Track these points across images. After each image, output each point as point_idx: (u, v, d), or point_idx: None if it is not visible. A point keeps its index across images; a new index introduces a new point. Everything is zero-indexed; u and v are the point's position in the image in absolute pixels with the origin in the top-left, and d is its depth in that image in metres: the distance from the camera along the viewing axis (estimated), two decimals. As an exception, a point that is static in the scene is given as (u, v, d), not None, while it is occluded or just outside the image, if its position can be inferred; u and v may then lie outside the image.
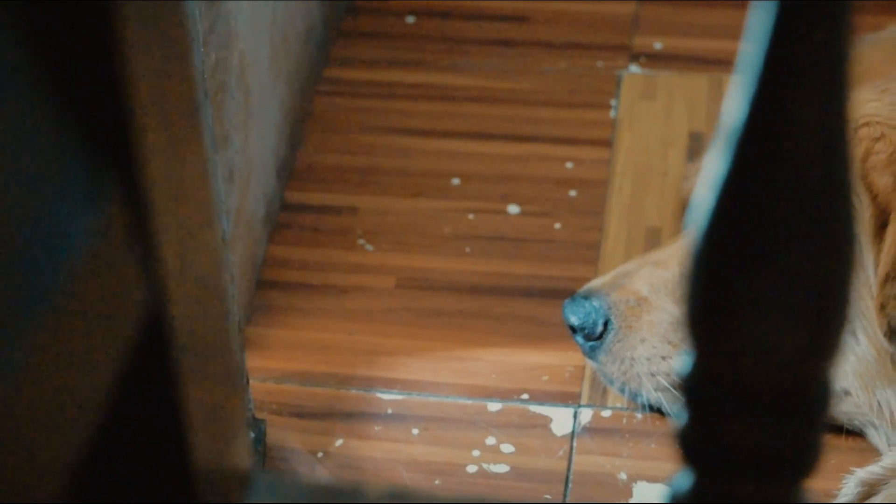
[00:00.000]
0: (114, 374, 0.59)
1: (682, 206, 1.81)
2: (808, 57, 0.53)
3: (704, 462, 0.65)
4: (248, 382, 1.55)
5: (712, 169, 0.57)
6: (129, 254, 0.57)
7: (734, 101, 0.55)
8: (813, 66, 0.53)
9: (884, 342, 1.45)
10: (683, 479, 0.66)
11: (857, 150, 1.47)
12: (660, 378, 1.56)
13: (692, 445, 0.64)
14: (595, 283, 1.62)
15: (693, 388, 0.63)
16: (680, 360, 0.62)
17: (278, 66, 1.78)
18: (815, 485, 1.51)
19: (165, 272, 0.59)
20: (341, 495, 0.72)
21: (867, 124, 1.47)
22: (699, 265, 0.59)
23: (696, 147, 1.93)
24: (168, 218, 0.59)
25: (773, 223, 0.56)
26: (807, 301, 0.58)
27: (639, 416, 1.59)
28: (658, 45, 2.08)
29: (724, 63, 2.05)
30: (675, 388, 0.78)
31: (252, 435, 1.55)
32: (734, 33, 2.10)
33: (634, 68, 2.05)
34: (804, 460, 0.64)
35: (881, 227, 1.45)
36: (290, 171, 1.89)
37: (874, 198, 1.45)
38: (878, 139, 1.45)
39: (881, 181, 1.45)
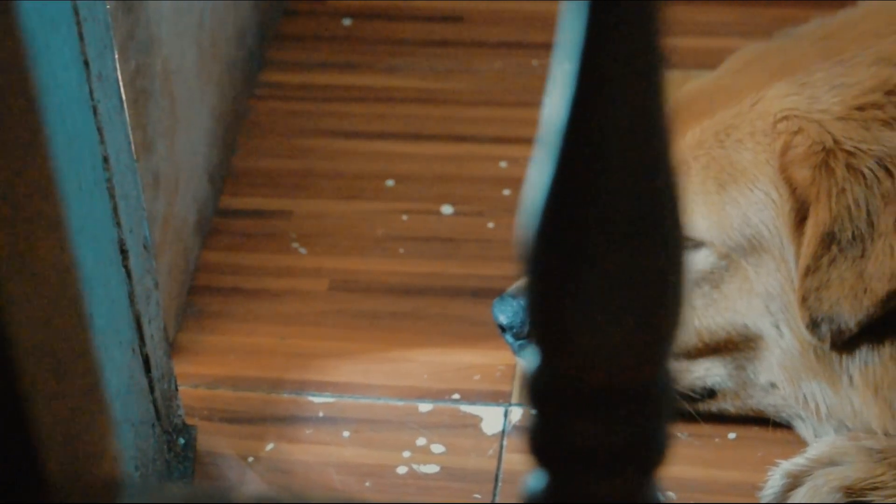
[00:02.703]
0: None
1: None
2: (620, 54, 0.53)
3: (556, 461, 0.65)
4: (176, 389, 1.55)
5: (537, 170, 0.57)
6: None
7: (551, 101, 0.55)
8: (625, 64, 0.53)
9: (806, 335, 1.46)
10: (538, 478, 0.66)
11: (777, 143, 1.47)
12: (588, 375, 1.56)
13: (542, 445, 0.65)
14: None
15: (539, 387, 0.63)
16: (525, 361, 0.63)
17: (208, 70, 1.78)
18: (742, 478, 1.51)
19: (5, 290, 0.59)
20: (211, 498, 0.72)
21: (786, 118, 1.47)
22: (534, 265, 0.59)
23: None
24: (6, 234, 0.59)
25: (598, 222, 0.56)
26: (639, 296, 0.58)
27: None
28: (593, 43, 2.08)
29: (658, 59, 2.06)
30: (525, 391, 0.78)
31: (182, 441, 1.55)
32: (669, 29, 2.10)
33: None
34: (653, 452, 0.64)
35: (801, 220, 1.46)
36: (224, 176, 1.89)
37: (793, 191, 1.46)
38: (796, 133, 1.46)
39: (800, 175, 1.45)
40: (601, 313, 0.58)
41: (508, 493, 1.53)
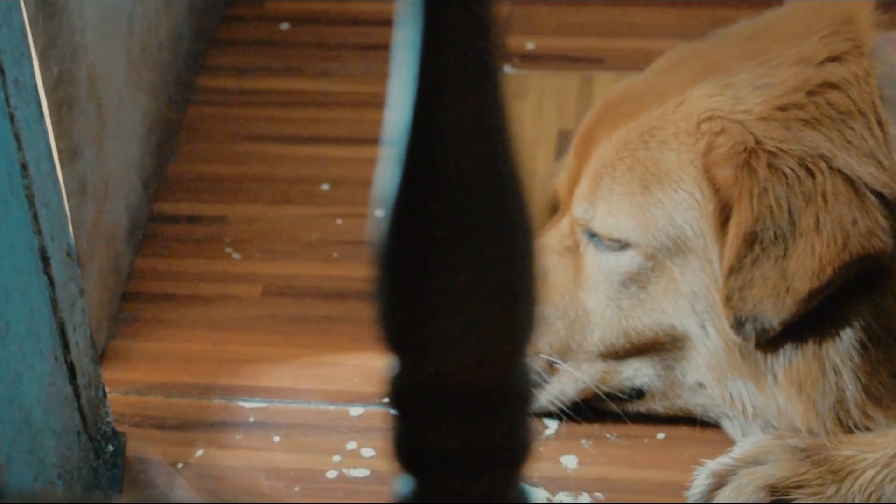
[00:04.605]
0: None
1: (550, 203, 1.82)
2: (455, 53, 0.53)
3: (420, 464, 0.65)
4: (104, 396, 1.55)
5: (385, 171, 0.57)
6: None
7: (394, 101, 0.55)
8: (461, 62, 0.53)
9: (731, 334, 1.46)
10: (405, 484, 0.66)
11: (700, 144, 1.48)
12: (517, 377, 1.56)
13: (407, 451, 0.65)
14: (454, 284, 1.62)
15: (398, 391, 0.63)
16: (386, 369, 0.63)
17: (139, 77, 1.78)
18: (670, 477, 1.52)
19: None
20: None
21: (709, 119, 1.48)
22: (383, 268, 0.59)
23: (565, 145, 1.93)
24: None
25: (444, 223, 0.57)
26: (489, 297, 0.59)
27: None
28: (530, 45, 2.09)
29: (595, 60, 2.07)
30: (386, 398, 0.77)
31: (111, 448, 1.54)
32: (605, 31, 2.11)
33: (507, 69, 2.06)
34: (515, 449, 0.65)
35: (724, 220, 1.46)
36: (159, 182, 1.88)
37: (717, 191, 1.46)
38: (719, 133, 1.46)
39: (722, 175, 1.46)
40: (452, 315, 0.59)
41: (438, 495, 1.53)
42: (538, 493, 1.51)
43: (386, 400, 0.64)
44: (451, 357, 0.60)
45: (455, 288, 0.58)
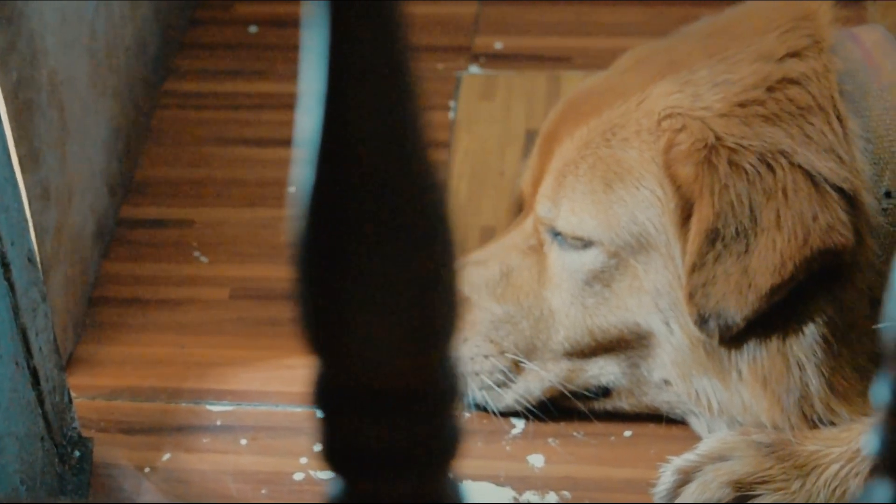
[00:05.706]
0: None
1: (516, 203, 1.82)
2: (364, 54, 0.53)
3: (349, 465, 0.65)
4: (70, 401, 1.54)
5: (300, 173, 0.57)
6: None
7: (305, 102, 0.55)
8: (370, 63, 0.53)
9: (695, 331, 1.46)
10: (336, 485, 0.66)
11: (661, 141, 1.48)
12: (483, 377, 1.57)
13: (334, 451, 0.65)
14: (420, 285, 1.62)
15: (323, 396, 0.63)
16: (310, 372, 0.63)
17: (103, 81, 1.77)
18: (637, 475, 1.52)
19: None
20: None
21: (670, 116, 1.48)
22: (302, 270, 0.59)
23: (533, 145, 1.93)
24: None
25: (360, 224, 0.57)
26: (409, 295, 0.58)
27: (465, 414, 1.60)
28: (498, 45, 2.09)
29: (563, 60, 2.07)
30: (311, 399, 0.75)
31: (77, 454, 1.54)
32: (573, 30, 2.11)
33: (474, 69, 2.06)
34: (444, 447, 0.65)
35: (686, 217, 1.46)
36: (125, 187, 1.88)
37: (678, 188, 1.46)
38: (679, 130, 1.47)
39: (683, 172, 1.46)
40: (372, 315, 0.59)
41: (405, 496, 1.53)
42: (504, 493, 1.51)
43: (311, 401, 0.64)
44: (371, 356, 0.60)
45: (372, 287, 0.58)
